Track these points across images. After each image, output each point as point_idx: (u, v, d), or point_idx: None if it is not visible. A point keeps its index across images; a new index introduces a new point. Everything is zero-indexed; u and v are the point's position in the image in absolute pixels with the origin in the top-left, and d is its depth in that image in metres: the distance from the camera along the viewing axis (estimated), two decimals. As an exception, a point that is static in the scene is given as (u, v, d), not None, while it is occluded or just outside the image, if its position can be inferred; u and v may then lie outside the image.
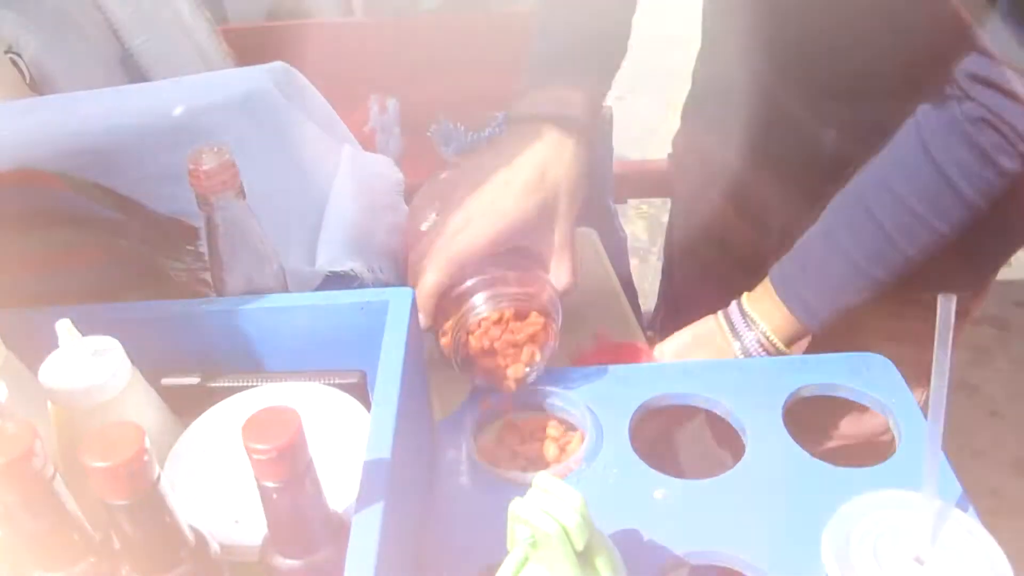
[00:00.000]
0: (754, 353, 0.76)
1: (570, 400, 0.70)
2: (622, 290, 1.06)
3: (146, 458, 0.41)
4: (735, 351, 0.77)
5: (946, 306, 0.52)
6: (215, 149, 0.61)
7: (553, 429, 0.69)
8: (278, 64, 0.85)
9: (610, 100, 1.27)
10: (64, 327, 0.54)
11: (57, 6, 0.97)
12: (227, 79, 0.85)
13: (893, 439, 0.69)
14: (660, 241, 2.48)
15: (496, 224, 0.69)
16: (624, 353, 0.81)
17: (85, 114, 0.78)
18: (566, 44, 0.78)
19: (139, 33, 1.00)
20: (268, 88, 0.80)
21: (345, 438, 0.57)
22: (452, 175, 0.76)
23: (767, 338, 0.76)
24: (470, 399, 0.72)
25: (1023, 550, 0.60)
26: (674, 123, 1.11)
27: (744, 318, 0.77)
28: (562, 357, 0.81)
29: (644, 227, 2.70)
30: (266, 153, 0.76)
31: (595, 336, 0.85)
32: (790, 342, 0.76)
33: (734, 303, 0.80)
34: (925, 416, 0.58)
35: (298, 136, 0.80)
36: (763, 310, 0.76)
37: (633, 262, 2.34)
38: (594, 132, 0.76)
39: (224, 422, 0.59)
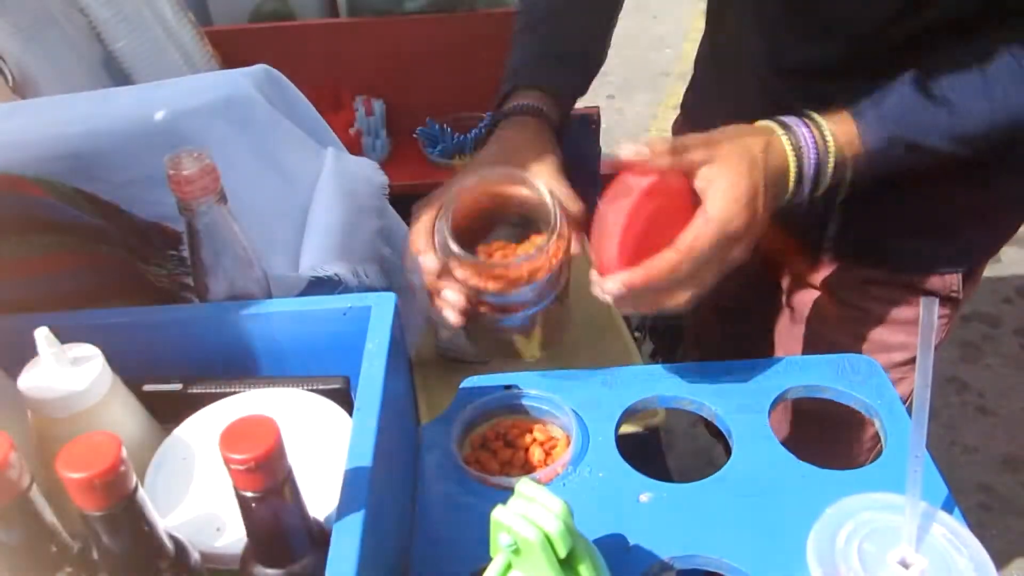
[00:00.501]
0: (803, 143, 0.69)
1: (556, 404, 0.70)
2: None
3: (123, 468, 0.41)
4: (781, 140, 0.69)
5: (929, 308, 0.52)
6: (195, 154, 0.61)
7: (539, 433, 0.69)
8: (260, 67, 0.85)
9: (600, 100, 1.28)
10: (42, 335, 0.53)
11: (39, 8, 0.96)
12: (209, 83, 0.84)
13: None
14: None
15: (488, 174, 0.71)
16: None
17: (66, 118, 0.77)
18: (539, 57, 0.84)
19: (122, 35, 0.99)
20: (250, 92, 0.79)
21: (327, 445, 0.56)
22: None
23: (820, 132, 0.70)
24: (456, 402, 0.72)
25: (1013, 544, 0.60)
26: (664, 122, 1.11)
27: (800, 116, 0.71)
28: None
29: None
30: (248, 157, 0.76)
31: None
32: (842, 150, 0.71)
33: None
34: (911, 418, 0.58)
35: (280, 140, 0.80)
36: (824, 117, 0.71)
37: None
38: (564, 129, 0.80)
39: (206, 429, 0.59)
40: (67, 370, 0.54)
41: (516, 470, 0.66)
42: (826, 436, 0.89)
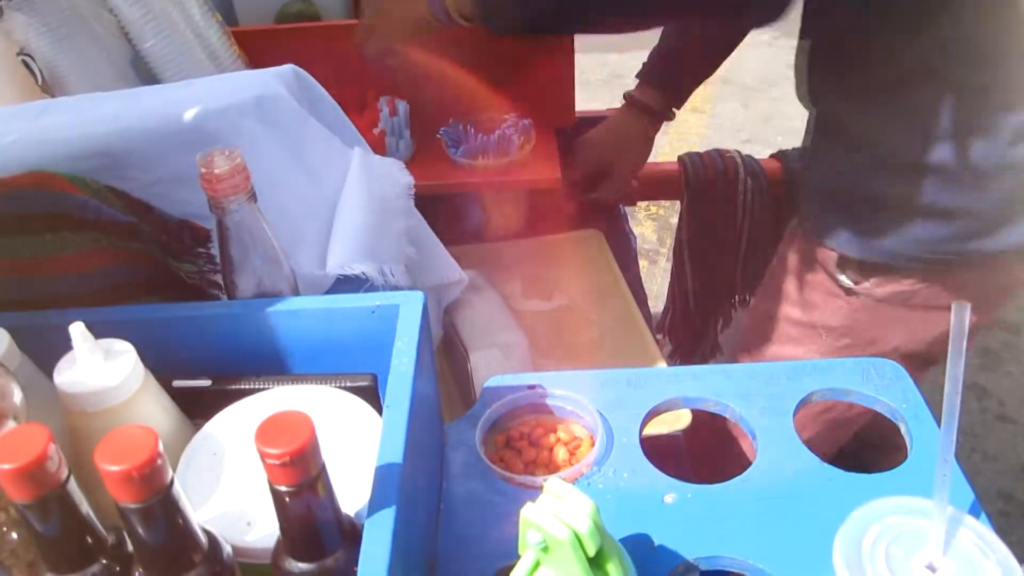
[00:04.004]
0: None
1: (580, 404, 0.70)
2: (631, 292, 1.06)
3: (159, 461, 0.41)
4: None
5: (960, 313, 0.52)
6: (226, 152, 0.62)
7: (563, 433, 0.69)
8: (289, 67, 0.85)
9: (620, 102, 1.28)
10: (78, 330, 0.54)
11: (68, 7, 0.97)
12: (238, 82, 0.85)
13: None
14: (669, 243, 2.47)
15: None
16: None
17: (97, 117, 0.78)
18: (665, 61, 1.25)
19: (150, 35, 1.00)
20: (279, 92, 0.80)
21: (356, 441, 0.57)
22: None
23: None
24: (481, 401, 0.72)
25: (1035, 554, 0.60)
26: (682, 124, 1.13)
27: None
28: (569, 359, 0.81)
29: (653, 228, 2.70)
30: (277, 157, 0.76)
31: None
32: None
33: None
34: (937, 422, 0.58)
35: (309, 139, 0.80)
36: None
37: (642, 264, 2.33)
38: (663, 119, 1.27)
39: (236, 425, 0.59)
40: (101, 365, 0.54)
41: (541, 469, 0.67)
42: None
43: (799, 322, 1.03)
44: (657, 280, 2.30)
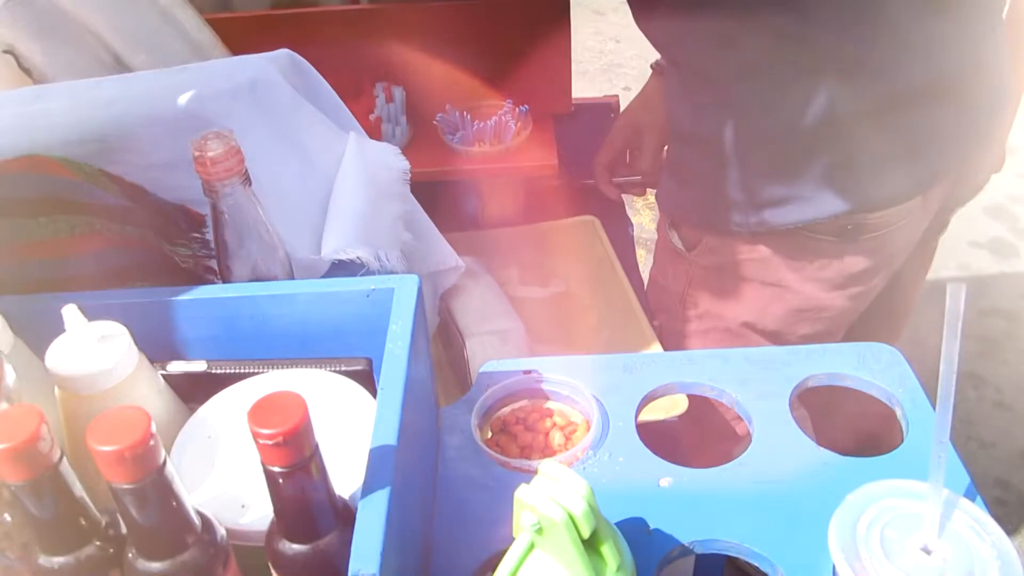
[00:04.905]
0: None
1: (576, 389, 0.70)
2: (627, 279, 1.05)
3: (152, 442, 0.41)
4: None
5: (955, 294, 0.51)
6: (221, 135, 0.61)
7: (559, 417, 0.69)
8: (283, 52, 0.85)
9: (617, 91, 1.28)
10: (71, 312, 0.54)
11: (53, 9, 0.96)
12: (233, 67, 0.85)
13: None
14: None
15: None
16: None
17: (92, 101, 0.78)
18: None
19: (139, 51, 0.98)
20: (274, 76, 0.79)
21: (351, 424, 0.57)
22: None
23: None
24: (476, 386, 0.72)
25: (1030, 539, 0.60)
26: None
27: None
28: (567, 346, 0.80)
29: (651, 217, 2.69)
30: (271, 141, 0.76)
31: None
32: None
33: None
34: (933, 407, 0.58)
35: (303, 124, 0.80)
36: None
37: (640, 253, 2.33)
38: None
39: (230, 408, 0.59)
40: (94, 347, 0.54)
41: (536, 454, 0.67)
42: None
43: (663, 287, 1.07)
44: (655, 269, 2.30)
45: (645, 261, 2.40)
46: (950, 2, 0.83)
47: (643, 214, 2.70)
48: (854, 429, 1.01)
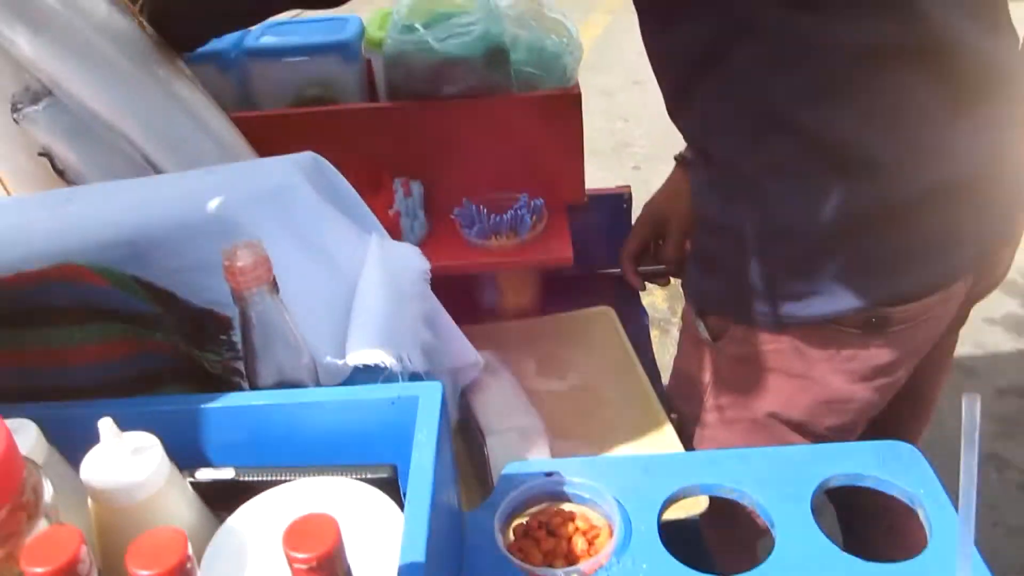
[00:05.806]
0: None
1: (598, 492, 0.70)
2: (643, 370, 1.06)
3: (189, 565, 0.42)
4: None
5: (971, 406, 0.52)
6: (249, 245, 0.63)
7: (581, 521, 0.70)
8: (308, 155, 0.88)
9: (625, 171, 1.31)
10: (107, 425, 0.55)
11: (89, 128, 0.99)
12: (258, 170, 0.87)
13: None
14: (680, 311, 2.48)
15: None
16: None
17: (122, 205, 0.81)
18: None
19: (170, 153, 1.01)
20: (299, 180, 0.82)
21: (377, 537, 0.57)
22: None
23: None
24: (497, 491, 0.72)
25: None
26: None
27: None
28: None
29: (664, 297, 2.71)
30: (296, 246, 0.78)
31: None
32: None
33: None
34: (955, 507, 0.58)
35: (327, 229, 0.82)
36: None
37: (653, 333, 2.33)
38: None
39: (258, 519, 0.60)
40: (128, 460, 0.55)
41: (559, 560, 0.67)
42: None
43: (687, 376, 1.07)
44: (669, 350, 2.30)
45: (659, 342, 2.41)
46: (973, 101, 0.85)
47: (656, 294, 2.71)
48: (879, 523, 1.01)
